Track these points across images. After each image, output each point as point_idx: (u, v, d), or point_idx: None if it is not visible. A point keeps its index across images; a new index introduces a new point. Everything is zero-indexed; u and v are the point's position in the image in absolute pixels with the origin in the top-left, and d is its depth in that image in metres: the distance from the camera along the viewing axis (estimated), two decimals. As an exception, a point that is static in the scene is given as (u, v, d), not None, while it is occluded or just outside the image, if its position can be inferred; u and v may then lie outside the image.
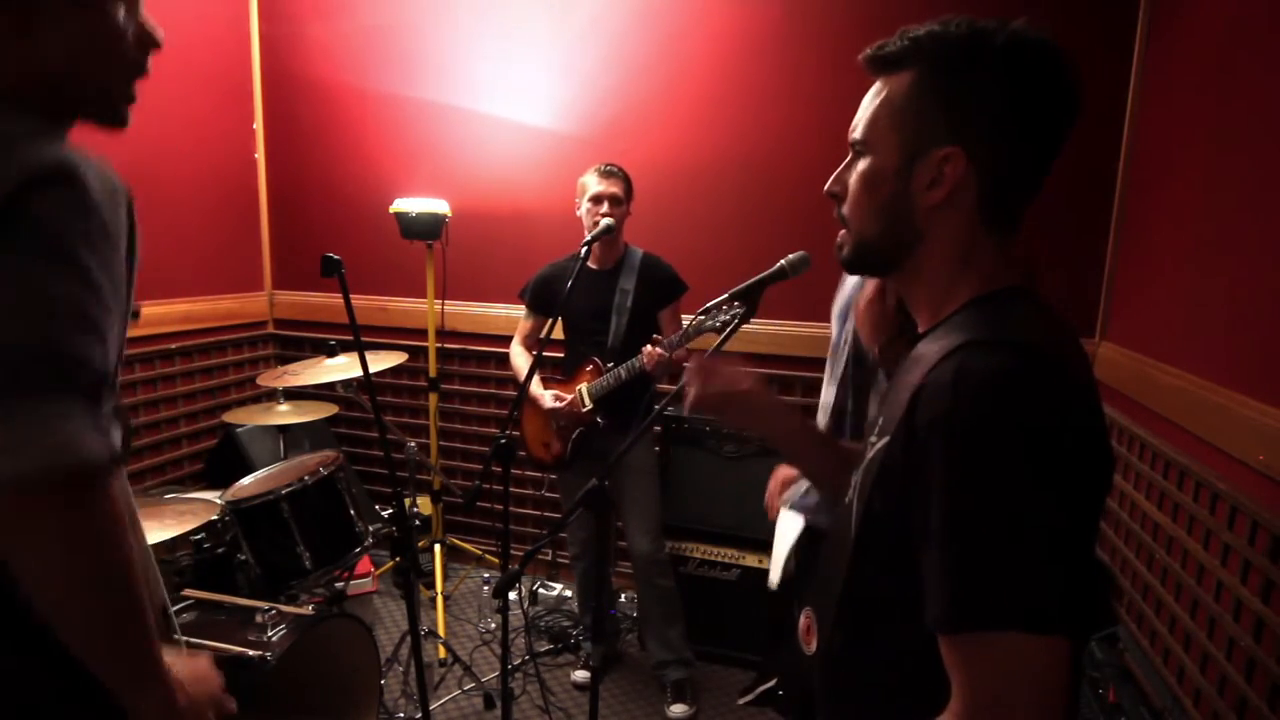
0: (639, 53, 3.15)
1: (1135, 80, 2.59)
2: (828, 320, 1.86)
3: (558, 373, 2.81)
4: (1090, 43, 2.62)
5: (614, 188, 2.55)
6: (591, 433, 2.65)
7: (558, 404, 2.62)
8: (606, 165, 2.59)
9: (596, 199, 2.54)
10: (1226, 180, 1.91)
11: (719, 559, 2.91)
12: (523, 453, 2.76)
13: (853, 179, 0.84)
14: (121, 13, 0.87)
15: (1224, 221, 1.90)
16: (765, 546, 2.85)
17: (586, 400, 2.61)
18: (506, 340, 3.49)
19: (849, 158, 0.86)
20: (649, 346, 2.40)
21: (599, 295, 2.62)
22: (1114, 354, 2.55)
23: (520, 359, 2.79)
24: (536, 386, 2.66)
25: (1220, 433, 1.74)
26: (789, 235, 2.30)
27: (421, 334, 3.42)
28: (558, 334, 2.70)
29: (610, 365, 2.56)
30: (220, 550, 2.25)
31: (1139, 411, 2.23)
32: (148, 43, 0.91)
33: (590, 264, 2.62)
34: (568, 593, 3.29)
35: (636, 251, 2.67)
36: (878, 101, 0.82)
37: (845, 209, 0.85)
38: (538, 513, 3.59)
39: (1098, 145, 2.65)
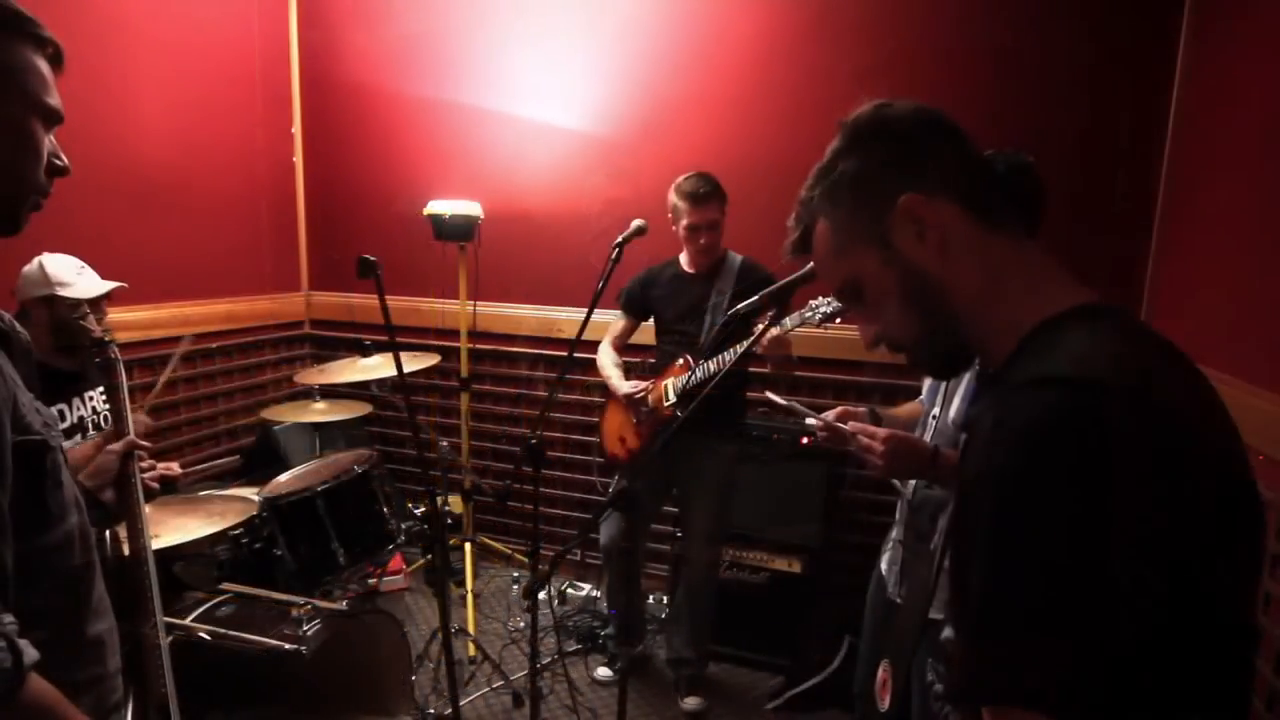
0: (670, 56, 3.15)
1: (1180, 79, 2.52)
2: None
3: (647, 374, 2.77)
4: (1133, 42, 2.57)
5: (710, 214, 2.48)
6: (666, 431, 2.56)
7: (633, 390, 2.59)
8: (700, 187, 2.46)
9: (694, 229, 2.49)
10: (1277, 181, 1.85)
11: (749, 562, 2.89)
12: (600, 458, 2.73)
13: (872, 316, 0.84)
14: (42, 137, 0.88)
15: (1274, 223, 1.84)
16: (795, 550, 2.84)
17: (670, 395, 2.56)
18: (537, 341, 3.53)
19: (855, 317, 0.87)
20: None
21: (694, 296, 2.60)
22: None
23: (606, 355, 2.76)
24: (618, 379, 2.66)
25: (1272, 440, 1.68)
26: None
27: (454, 335, 3.46)
28: (649, 339, 2.73)
29: (699, 362, 2.50)
30: (258, 545, 2.30)
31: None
32: (55, 170, 0.92)
33: (686, 268, 2.63)
34: (596, 593, 3.30)
35: (736, 256, 2.62)
36: (821, 255, 0.85)
37: (894, 336, 0.83)
38: (568, 513, 3.61)
39: (1140, 148, 2.59)
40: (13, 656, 0.78)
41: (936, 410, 1.61)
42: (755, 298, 1.31)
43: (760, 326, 2.52)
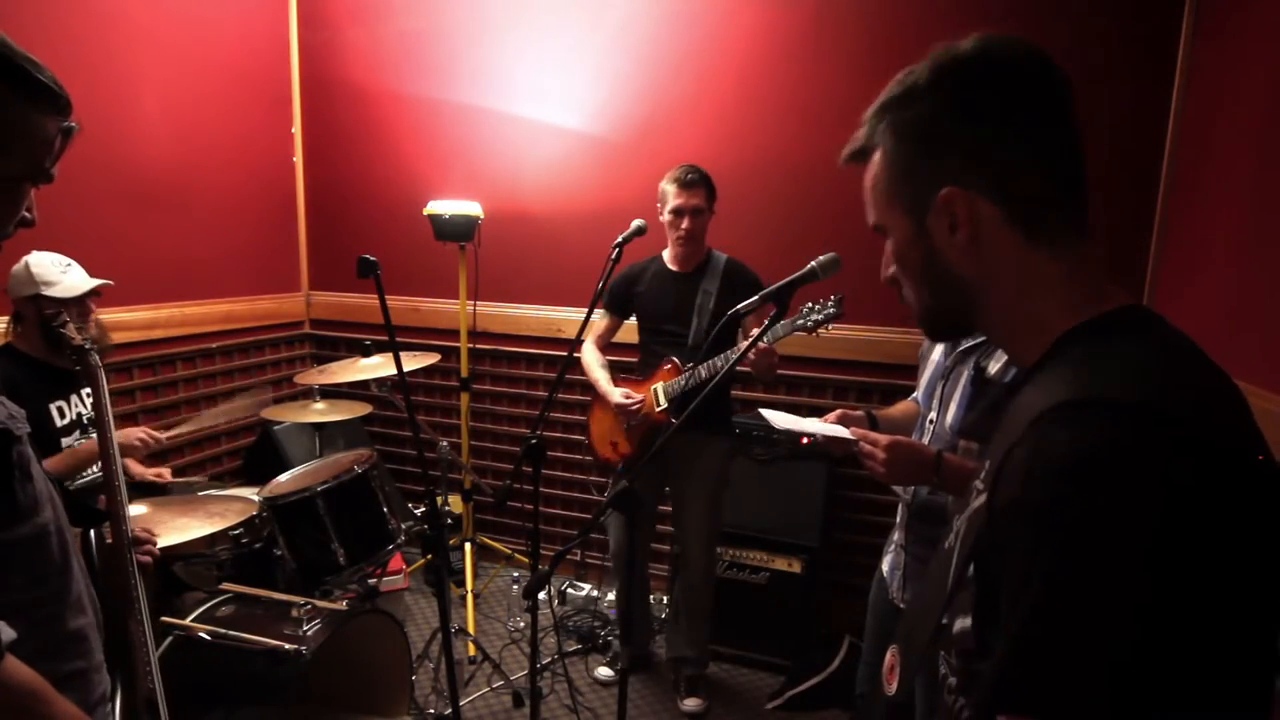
0: (669, 56, 3.15)
1: (1180, 78, 2.53)
2: (865, 323, 1.83)
3: (631, 374, 2.74)
4: (1133, 41, 2.57)
5: (694, 199, 2.47)
6: (661, 434, 2.55)
7: (626, 402, 2.55)
8: (688, 174, 2.48)
9: (678, 212, 2.48)
10: (1277, 180, 1.85)
11: (749, 562, 2.89)
12: (589, 457, 2.74)
13: (894, 259, 0.84)
14: (27, 194, 0.93)
15: (1274, 222, 1.84)
16: (795, 550, 2.84)
17: (661, 400, 2.53)
18: (538, 341, 3.53)
19: (883, 245, 0.86)
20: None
21: (679, 296, 2.57)
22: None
23: (591, 356, 2.73)
24: (607, 384, 2.63)
25: (1273, 441, 1.68)
26: (819, 236, 2.28)
27: (454, 334, 3.46)
28: (631, 337, 2.70)
29: (690, 365, 2.48)
30: (258, 545, 2.30)
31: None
32: (23, 223, 0.96)
33: (671, 266, 2.60)
34: (596, 593, 3.30)
35: (720, 255, 2.60)
36: (869, 185, 0.83)
37: (904, 292, 0.84)
38: (567, 513, 3.61)
39: (1140, 148, 2.60)
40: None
41: (933, 415, 1.61)
42: (755, 298, 1.31)
43: (756, 330, 2.53)
